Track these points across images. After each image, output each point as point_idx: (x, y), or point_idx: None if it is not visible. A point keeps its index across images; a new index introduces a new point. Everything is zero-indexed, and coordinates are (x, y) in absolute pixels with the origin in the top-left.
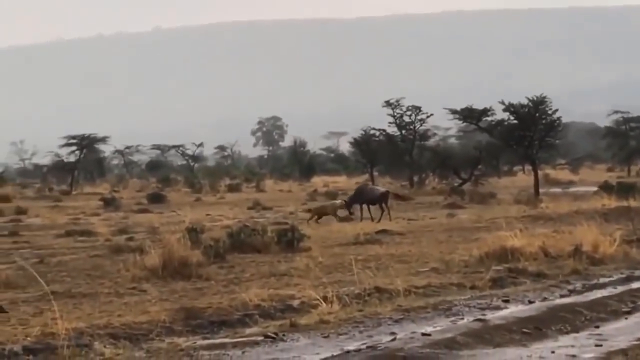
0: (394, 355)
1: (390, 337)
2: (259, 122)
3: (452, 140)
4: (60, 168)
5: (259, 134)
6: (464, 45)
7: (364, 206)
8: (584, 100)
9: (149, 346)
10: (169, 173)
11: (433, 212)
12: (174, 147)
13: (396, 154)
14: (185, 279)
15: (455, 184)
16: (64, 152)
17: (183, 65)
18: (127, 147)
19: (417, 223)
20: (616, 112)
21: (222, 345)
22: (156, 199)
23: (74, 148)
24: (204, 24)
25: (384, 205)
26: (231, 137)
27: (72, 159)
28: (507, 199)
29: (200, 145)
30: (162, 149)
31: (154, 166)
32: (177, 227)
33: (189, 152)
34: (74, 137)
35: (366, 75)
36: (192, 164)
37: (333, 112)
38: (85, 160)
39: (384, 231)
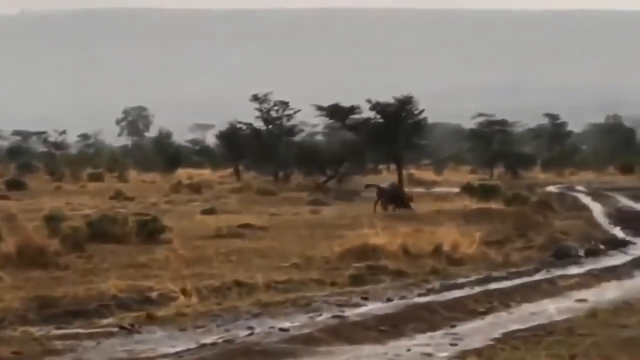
0: (251, 349)
1: (247, 332)
2: (124, 112)
3: (319, 137)
4: None
5: (123, 123)
6: (335, 42)
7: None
8: (452, 100)
9: (1, 334)
10: (30, 160)
11: (297, 207)
12: (35, 133)
13: (262, 149)
14: (42, 267)
15: (320, 181)
16: None
17: (48, 51)
18: None
19: (280, 218)
20: (481, 114)
21: (76, 336)
22: (15, 185)
23: None
24: (71, 9)
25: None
26: (95, 126)
27: None
28: (371, 196)
29: (63, 132)
30: (24, 134)
31: (14, 152)
32: (35, 214)
33: (52, 139)
34: None
35: (236, 68)
36: (54, 151)
37: (200, 104)
38: None
39: (246, 225)
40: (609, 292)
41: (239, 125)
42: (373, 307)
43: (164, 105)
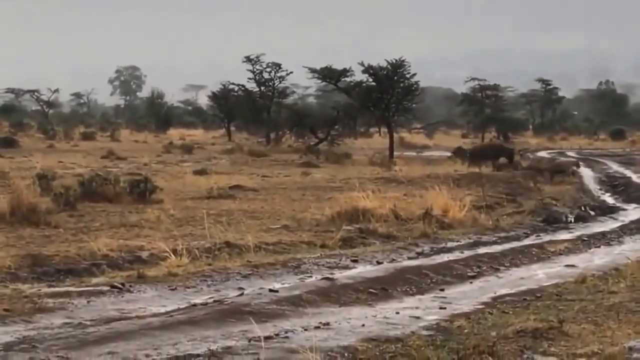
0: (240, 310)
1: (237, 292)
2: (117, 71)
3: (311, 99)
4: None
5: (116, 83)
6: (327, 6)
7: None
8: (443, 66)
9: None
10: (22, 118)
11: (288, 170)
12: (28, 91)
13: (254, 110)
14: (33, 225)
15: (312, 143)
16: None
17: (42, 10)
18: None
19: (271, 180)
20: (473, 79)
21: (67, 294)
22: (8, 143)
23: None
24: None
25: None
26: (88, 85)
27: None
28: (362, 160)
29: (56, 91)
30: (17, 93)
31: (7, 110)
32: (28, 172)
33: (44, 97)
34: None
35: (229, 30)
36: (46, 109)
37: (193, 65)
38: None
39: (237, 186)
40: (598, 257)
41: (231, 87)
42: (363, 270)
43: (157, 65)
